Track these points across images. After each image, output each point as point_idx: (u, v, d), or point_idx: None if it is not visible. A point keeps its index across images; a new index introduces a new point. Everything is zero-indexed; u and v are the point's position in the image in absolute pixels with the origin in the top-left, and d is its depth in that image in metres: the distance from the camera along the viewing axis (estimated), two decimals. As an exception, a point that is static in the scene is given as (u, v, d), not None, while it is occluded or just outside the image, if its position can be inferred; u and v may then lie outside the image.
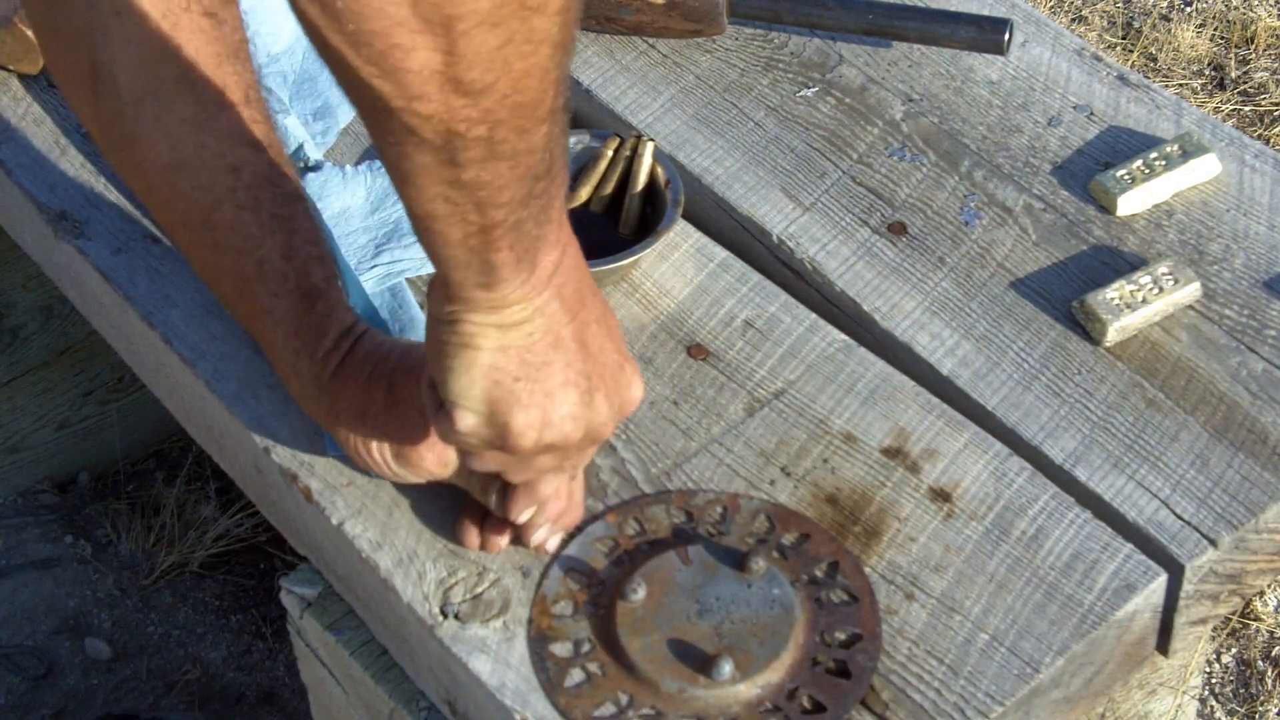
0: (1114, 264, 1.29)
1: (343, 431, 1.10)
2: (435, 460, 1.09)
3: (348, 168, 1.39)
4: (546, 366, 0.97)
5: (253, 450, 1.22)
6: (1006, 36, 1.41)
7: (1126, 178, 1.33)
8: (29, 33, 1.48)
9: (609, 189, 1.33)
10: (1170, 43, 2.70)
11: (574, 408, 0.99)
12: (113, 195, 1.39)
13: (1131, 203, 1.33)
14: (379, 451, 1.09)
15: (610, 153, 1.33)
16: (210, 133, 1.11)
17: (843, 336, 1.26)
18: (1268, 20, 2.72)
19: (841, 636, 1.07)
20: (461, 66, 0.78)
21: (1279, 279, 1.28)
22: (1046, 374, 1.22)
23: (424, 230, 0.90)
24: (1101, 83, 1.44)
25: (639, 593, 1.07)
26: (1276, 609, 2.03)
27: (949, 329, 1.26)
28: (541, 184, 0.89)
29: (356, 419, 1.09)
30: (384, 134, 0.83)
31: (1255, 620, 2.01)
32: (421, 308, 1.27)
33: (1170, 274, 1.25)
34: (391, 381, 1.09)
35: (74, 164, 1.42)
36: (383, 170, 1.37)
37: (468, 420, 0.98)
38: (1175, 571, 1.11)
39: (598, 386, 1.00)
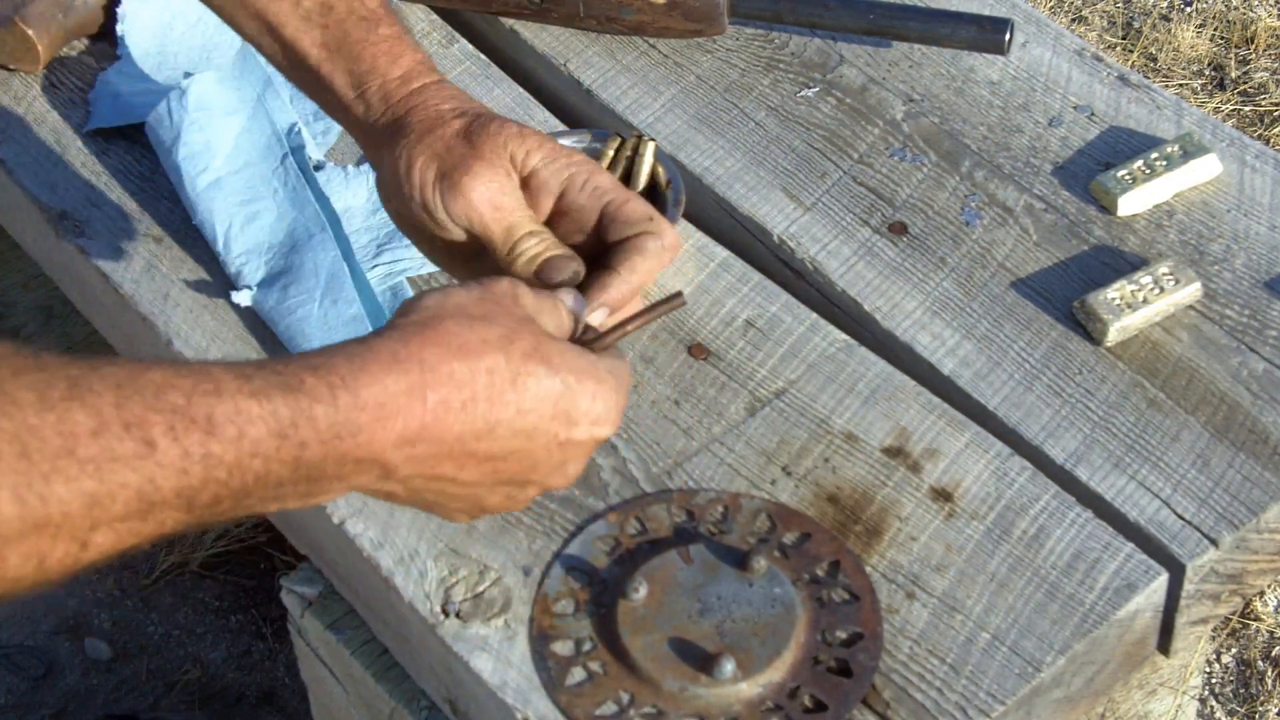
0: (1115, 264, 1.29)
1: (396, 152, 1.04)
2: (486, 201, 1.01)
3: (349, 168, 1.39)
4: (442, 498, 0.91)
5: (254, 450, 1.21)
6: (1007, 36, 1.41)
7: (1127, 178, 1.33)
8: (30, 32, 1.48)
9: (610, 189, 1.33)
10: (1170, 43, 2.70)
11: (499, 502, 0.93)
12: (114, 194, 1.39)
13: (1132, 203, 1.33)
14: (422, 171, 1.02)
15: (611, 153, 1.33)
16: None
17: (844, 336, 1.26)
18: (1268, 20, 2.72)
19: (843, 635, 1.07)
20: None
21: (1279, 279, 1.28)
22: (1047, 374, 1.22)
23: None
24: (1102, 83, 1.44)
25: (640, 592, 1.07)
26: (1276, 609, 2.03)
27: (950, 329, 1.26)
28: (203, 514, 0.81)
29: (418, 141, 1.03)
30: None
31: (1255, 620, 2.01)
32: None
33: (1171, 274, 1.25)
34: (470, 128, 1.03)
35: (74, 164, 1.42)
36: (384, 169, 1.37)
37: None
38: (1176, 571, 1.11)
39: (527, 476, 0.92)
